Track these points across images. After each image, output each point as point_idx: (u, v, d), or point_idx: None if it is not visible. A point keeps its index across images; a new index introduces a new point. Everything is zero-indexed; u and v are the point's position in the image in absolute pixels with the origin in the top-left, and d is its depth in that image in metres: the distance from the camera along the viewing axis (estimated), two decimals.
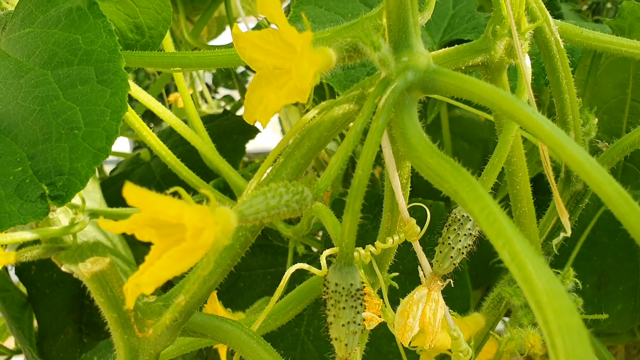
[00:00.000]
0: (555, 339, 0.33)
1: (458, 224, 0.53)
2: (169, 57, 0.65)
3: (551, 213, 0.67)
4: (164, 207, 0.37)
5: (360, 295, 0.45)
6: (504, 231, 0.37)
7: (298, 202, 0.43)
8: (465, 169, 0.41)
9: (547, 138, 0.40)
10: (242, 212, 0.41)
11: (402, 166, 0.55)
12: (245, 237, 0.47)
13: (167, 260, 0.37)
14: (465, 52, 0.53)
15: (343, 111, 0.49)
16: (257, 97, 0.48)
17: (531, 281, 0.35)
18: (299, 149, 0.49)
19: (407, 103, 0.45)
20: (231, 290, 1.09)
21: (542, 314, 0.34)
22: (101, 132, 0.49)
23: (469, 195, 0.39)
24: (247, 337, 0.51)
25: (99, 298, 0.43)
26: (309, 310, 1.10)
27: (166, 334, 0.44)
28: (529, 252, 0.36)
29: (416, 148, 0.44)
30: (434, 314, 0.53)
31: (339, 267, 0.46)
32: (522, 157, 0.60)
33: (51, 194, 0.49)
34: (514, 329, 0.65)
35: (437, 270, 0.53)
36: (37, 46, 0.57)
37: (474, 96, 0.43)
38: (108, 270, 0.42)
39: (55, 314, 1.25)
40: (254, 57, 0.49)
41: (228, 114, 1.36)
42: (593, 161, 0.40)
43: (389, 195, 0.59)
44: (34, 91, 0.54)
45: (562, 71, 0.58)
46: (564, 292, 0.35)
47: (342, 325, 0.45)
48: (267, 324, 0.64)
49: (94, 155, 0.48)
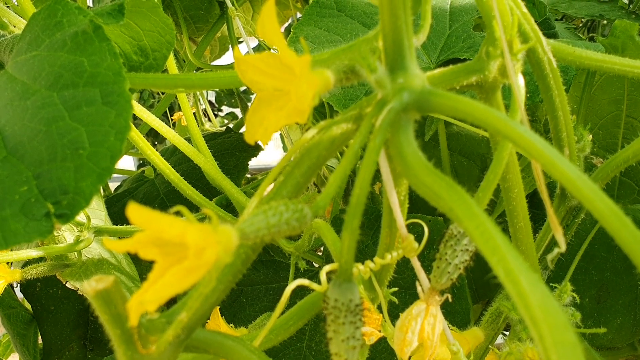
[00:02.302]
0: (550, 354, 0.34)
1: (455, 240, 0.54)
2: (172, 78, 0.66)
3: (548, 228, 0.68)
4: (167, 227, 0.38)
5: (360, 310, 0.46)
6: (498, 248, 0.38)
7: (298, 220, 0.44)
8: (461, 187, 0.42)
9: (539, 156, 0.41)
10: (244, 230, 0.42)
11: (400, 183, 0.56)
12: (247, 254, 0.48)
13: (170, 278, 0.38)
14: (460, 73, 0.54)
15: (341, 130, 0.51)
16: (257, 119, 0.50)
17: (526, 297, 0.36)
18: (299, 168, 0.50)
19: (403, 123, 0.47)
20: (233, 306, 1.10)
21: (537, 329, 0.35)
22: (105, 152, 0.51)
23: (464, 212, 0.40)
24: (248, 353, 0.52)
25: (103, 315, 0.44)
26: (310, 325, 1.10)
27: (169, 351, 0.45)
28: (523, 268, 0.37)
29: (412, 166, 0.45)
30: (432, 329, 0.54)
31: (339, 283, 0.47)
32: (517, 173, 0.61)
33: (56, 213, 0.50)
34: (512, 343, 0.66)
35: (435, 286, 0.54)
36: (44, 69, 0.59)
37: (467, 116, 0.44)
38: (112, 288, 0.43)
39: (59, 330, 1.25)
40: (254, 80, 0.50)
41: (230, 131, 1.37)
42: (585, 178, 0.41)
43: (387, 212, 0.60)
44: (40, 112, 0.55)
45: (555, 89, 0.59)
46: (559, 307, 0.36)
47: (342, 341, 0.46)
48: (269, 339, 0.65)
49: (99, 174, 0.50)
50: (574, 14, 1.10)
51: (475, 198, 0.57)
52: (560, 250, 0.46)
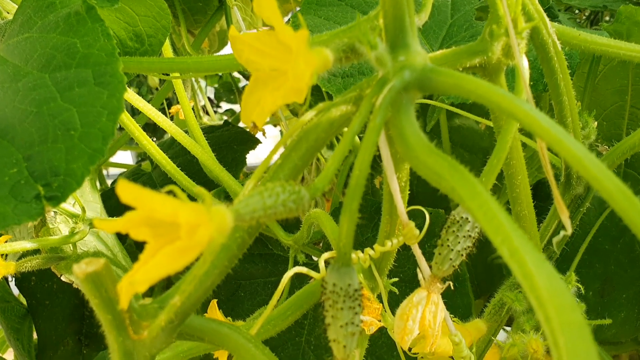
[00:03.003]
0: (557, 336, 0.33)
1: (457, 226, 0.52)
2: (168, 62, 0.65)
3: (552, 217, 0.67)
4: (159, 205, 0.37)
5: (359, 296, 0.45)
6: (502, 227, 0.36)
7: (295, 201, 0.43)
8: (464, 167, 0.41)
9: (545, 135, 0.40)
10: (239, 211, 0.41)
11: (401, 169, 0.55)
12: (243, 238, 0.47)
13: (162, 258, 0.37)
14: (463, 54, 0.53)
15: (340, 113, 0.49)
16: (254, 99, 0.48)
17: (531, 277, 0.34)
18: (296, 151, 0.49)
19: (405, 103, 0.45)
20: (231, 299, 1.09)
21: (543, 311, 0.33)
22: (97, 133, 0.49)
23: (466, 192, 0.39)
24: (245, 341, 0.51)
25: (93, 299, 0.42)
26: (309, 319, 1.09)
27: (162, 336, 0.44)
28: (528, 248, 0.35)
29: (414, 147, 0.43)
30: (433, 317, 0.52)
31: (337, 268, 0.45)
32: (521, 159, 0.59)
33: (46, 195, 0.49)
34: (516, 335, 0.65)
35: (436, 273, 0.53)
36: (35, 50, 0.57)
37: (471, 94, 0.43)
38: (103, 271, 0.42)
39: (54, 325, 1.24)
40: (250, 59, 0.49)
41: (229, 124, 1.36)
42: (592, 157, 0.40)
43: (387, 198, 0.58)
44: (31, 94, 0.54)
45: (560, 73, 0.58)
46: (566, 288, 0.34)
47: (340, 327, 0.44)
48: (267, 329, 0.64)
49: (90, 155, 0.48)
50: (578, 4, 1.08)
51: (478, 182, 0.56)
52: (567, 233, 0.44)
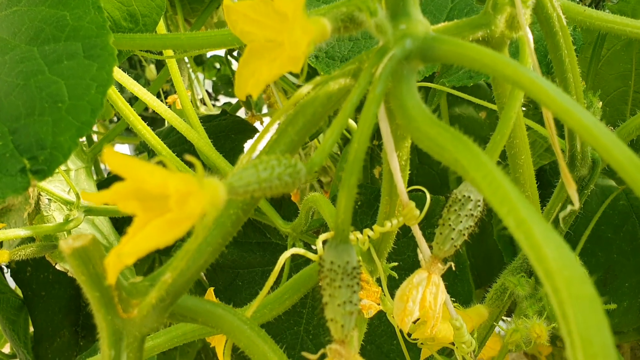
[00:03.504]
0: (566, 309, 0.31)
1: (459, 205, 0.51)
2: (160, 38, 0.63)
3: (556, 199, 0.65)
4: (148, 175, 0.35)
5: (357, 274, 0.43)
6: (508, 197, 0.35)
7: (291, 175, 0.41)
8: (467, 137, 0.39)
9: (552, 103, 0.38)
10: (232, 184, 0.39)
11: (401, 146, 0.53)
12: (237, 215, 0.45)
13: (151, 230, 0.35)
14: (465, 27, 0.51)
15: (339, 86, 0.48)
16: (248, 71, 0.47)
17: (539, 248, 0.32)
18: (293, 126, 0.47)
19: (406, 73, 0.43)
20: (229, 289, 1.07)
21: (551, 282, 0.32)
22: (86, 105, 0.48)
23: (470, 162, 0.37)
24: (240, 323, 0.49)
25: (80, 276, 0.41)
26: (308, 308, 1.07)
27: (152, 315, 0.42)
28: (535, 218, 0.33)
29: (415, 119, 0.42)
30: (434, 298, 0.51)
31: (335, 245, 0.43)
32: (524, 138, 0.58)
33: (32, 168, 0.47)
34: (519, 320, 0.63)
35: (437, 253, 0.51)
36: (24, 23, 0.56)
37: (475, 63, 0.41)
38: (90, 246, 0.40)
39: (51, 316, 1.22)
40: (245, 30, 0.47)
41: (226, 114, 1.34)
42: (602, 126, 0.38)
43: (387, 178, 0.57)
44: (19, 67, 0.52)
45: (565, 49, 0.56)
46: (575, 259, 0.33)
47: (338, 305, 0.42)
48: (263, 314, 0.62)
49: (78, 128, 0.47)
50: None
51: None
52: (574, 207, 0.43)
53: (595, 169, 0.62)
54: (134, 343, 0.42)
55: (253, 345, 0.49)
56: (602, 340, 0.31)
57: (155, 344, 0.61)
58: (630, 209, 0.98)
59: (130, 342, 0.42)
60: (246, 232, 1.11)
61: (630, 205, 0.98)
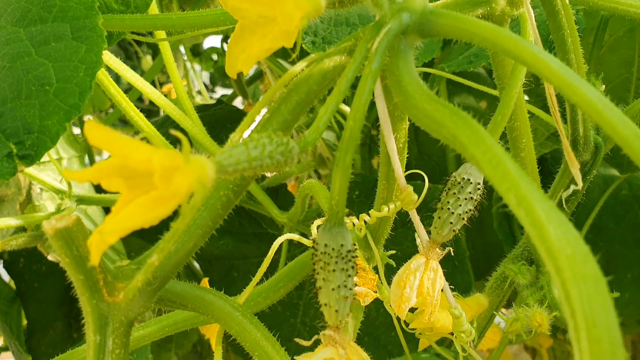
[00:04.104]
0: (569, 289, 0.29)
1: (458, 188, 0.49)
2: (151, 18, 0.61)
3: (557, 185, 0.64)
4: (133, 150, 0.34)
5: (352, 257, 0.42)
6: (508, 174, 0.33)
7: (283, 154, 0.39)
8: (466, 113, 0.37)
9: (554, 77, 0.37)
10: (221, 162, 0.37)
11: (399, 128, 0.52)
12: (228, 197, 0.44)
13: (135, 208, 0.33)
14: (465, 3, 0.49)
15: (334, 63, 0.46)
16: (239, 48, 0.45)
17: (541, 226, 0.31)
18: (286, 104, 0.45)
19: (403, 48, 0.42)
20: (224, 280, 1.06)
21: (554, 261, 0.30)
22: (74, 88, 0.46)
23: (469, 138, 0.36)
24: (231, 310, 0.48)
25: (64, 258, 0.39)
26: (304, 300, 1.06)
27: (139, 300, 0.41)
28: (537, 195, 0.32)
29: (412, 95, 0.40)
30: (432, 284, 0.49)
31: (329, 227, 0.42)
32: (525, 121, 0.56)
33: (19, 153, 0.45)
34: (519, 309, 0.61)
35: (436, 238, 0.50)
36: (10, 4, 0.54)
37: (474, 37, 0.39)
38: (74, 227, 0.39)
39: (44, 307, 1.21)
40: (237, 6, 0.45)
41: (222, 103, 1.32)
42: (606, 101, 0.37)
43: (384, 161, 0.55)
44: (4, 49, 0.51)
45: (567, 29, 0.54)
46: (578, 237, 0.31)
47: (332, 290, 0.41)
48: (257, 302, 0.61)
49: (66, 112, 0.45)
50: None
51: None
52: (577, 187, 0.41)
53: (598, 154, 0.61)
54: (120, 328, 0.41)
55: (245, 332, 0.48)
56: (607, 321, 0.29)
57: (146, 333, 0.59)
58: (633, 199, 0.96)
59: (116, 327, 0.41)
60: (242, 223, 1.09)
61: (632, 195, 0.96)
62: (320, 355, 0.42)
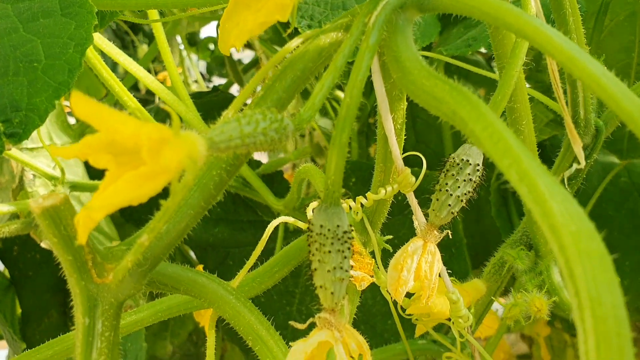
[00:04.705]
0: (573, 267, 0.28)
1: (457, 169, 0.48)
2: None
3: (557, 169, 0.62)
4: (120, 124, 0.32)
5: (348, 238, 0.41)
6: (510, 149, 0.32)
7: (277, 130, 0.38)
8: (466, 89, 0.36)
9: (557, 51, 0.36)
10: (212, 138, 0.36)
11: (397, 108, 0.50)
12: (220, 176, 0.43)
13: (123, 184, 0.32)
14: None
15: (330, 40, 0.45)
16: (232, 23, 0.44)
17: (544, 202, 0.30)
18: (281, 81, 0.44)
19: (401, 23, 0.41)
20: (220, 268, 1.05)
21: (557, 238, 0.29)
22: (63, 65, 0.45)
23: (469, 114, 0.34)
24: (224, 293, 0.47)
25: (51, 238, 0.38)
26: (301, 288, 1.05)
27: (129, 281, 0.40)
28: (539, 170, 0.31)
29: (410, 71, 0.39)
30: (430, 267, 0.48)
31: (324, 208, 0.41)
32: (525, 102, 0.55)
33: (6, 132, 0.44)
34: (518, 294, 0.61)
35: (434, 220, 0.49)
36: None
37: (474, 11, 0.38)
38: (62, 205, 0.37)
39: (38, 296, 1.20)
40: None
41: (217, 90, 1.31)
42: (610, 75, 0.36)
43: (381, 143, 0.54)
44: None
45: (569, 7, 0.53)
46: (582, 213, 0.30)
47: (327, 271, 0.40)
48: (252, 287, 0.60)
49: (55, 89, 0.44)
50: None
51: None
52: (580, 166, 0.40)
53: (599, 137, 0.60)
54: (110, 310, 0.40)
55: (239, 316, 0.47)
56: (613, 299, 0.28)
57: (139, 318, 0.58)
58: (632, 186, 0.95)
59: (106, 309, 0.39)
60: (237, 210, 1.08)
61: (632, 182, 0.95)
62: (315, 339, 0.41)
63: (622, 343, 0.27)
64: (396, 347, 0.75)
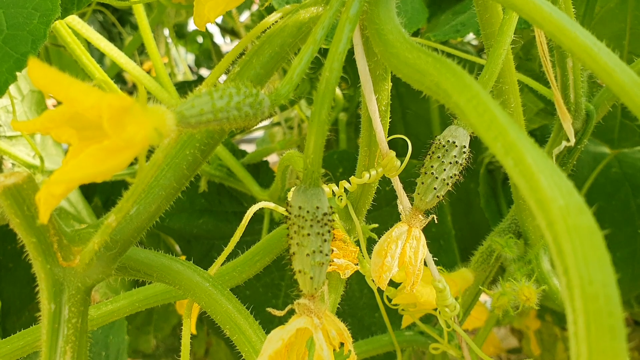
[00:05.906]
0: (562, 243, 0.27)
1: (443, 151, 0.46)
2: None
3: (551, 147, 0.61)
4: (81, 94, 0.30)
5: (328, 221, 0.39)
6: (495, 121, 0.30)
7: (252, 105, 0.36)
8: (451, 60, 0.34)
9: (545, 21, 0.34)
10: (182, 112, 0.34)
11: (381, 89, 0.48)
12: (194, 156, 0.41)
13: (86, 158, 0.30)
14: None
15: (310, 14, 0.43)
16: None
17: (531, 175, 0.28)
18: (258, 57, 0.42)
19: None
20: (204, 260, 1.02)
21: (545, 214, 0.27)
22: (26, 36, 0.43)
23: (453, 85, 0.33)
24: (200, 280, 0.45)
25: (14, 219, 0.36)
26: (287, 281, 1.03)
27: (97, 266, 0.38)
28: (527, 143, 0.29)
29: (393, 44, 0.37)
30: (415, 253, 0.46)
31: (303, 189, 0.39)
32: (514, 84, 0.53)
33: None
34: (507, 283, 0.59)
35: (419, 205, 0.47)
36: None
37: None
38: (25, 184, 0.35)
39: (19, 289, 1.17)
40: None
41: (202, 79, 1.28)
42: (602, 46, 0.34)
43: (365, 126, 0.52)
44: None
45: None
46: (572, 187, 0.28)
47: (306, 255, 0.38)
48: (232, 276, 0.58)
49: (17, 60, 0.42)
50: None
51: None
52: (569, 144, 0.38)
53: (590, 122, 0.58)
54: (77, 295, 0.38)
55: (215, 304, 0.45)
56: (603, 277, 0.26)
57: (115, 307, 0.56)
58: (623, 177, 0.94)
59: (73, 294, 0.37)
60: (222, 201, 1.06)
61: (623, 173, 0.94)
62: (293, 325, 0.39)
63: (613, 323, 0.25)
64: (382, 339, 0.73)
